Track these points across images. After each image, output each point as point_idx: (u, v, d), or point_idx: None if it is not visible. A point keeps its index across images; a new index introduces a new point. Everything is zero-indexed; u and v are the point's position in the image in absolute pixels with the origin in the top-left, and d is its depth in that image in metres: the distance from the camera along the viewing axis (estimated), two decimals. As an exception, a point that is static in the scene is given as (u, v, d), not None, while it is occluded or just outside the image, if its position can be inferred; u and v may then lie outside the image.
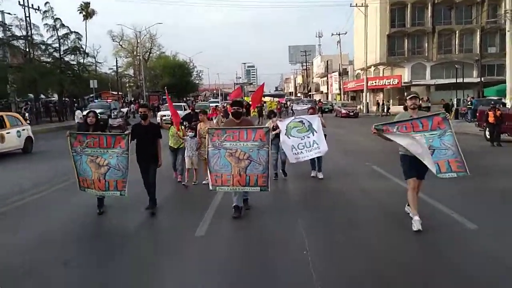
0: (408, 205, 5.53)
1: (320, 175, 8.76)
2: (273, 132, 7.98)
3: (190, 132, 8.54)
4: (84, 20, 49.30)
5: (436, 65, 42.97)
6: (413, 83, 42.33)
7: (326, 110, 39.46)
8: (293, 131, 7.98)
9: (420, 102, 5.80)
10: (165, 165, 7.52)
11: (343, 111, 34.83)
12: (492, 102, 19.07)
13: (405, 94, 5.56)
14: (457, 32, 41.81)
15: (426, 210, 5.85)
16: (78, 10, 50.06)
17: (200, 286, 3.94)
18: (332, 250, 4.71)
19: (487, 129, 14.81)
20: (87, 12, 49.86)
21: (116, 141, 6.10)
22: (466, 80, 37.14)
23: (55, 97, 47.79)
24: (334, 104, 44.37)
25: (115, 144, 6.07)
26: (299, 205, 6.82)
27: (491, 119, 14.16)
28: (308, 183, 8.46)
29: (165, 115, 20.79)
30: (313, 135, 7.98)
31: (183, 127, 8.80)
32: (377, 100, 41.88)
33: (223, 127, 6.24)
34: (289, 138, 7.95)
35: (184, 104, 32.83)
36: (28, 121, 20.23)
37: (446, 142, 5.06)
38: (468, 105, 26.26)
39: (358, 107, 39.22)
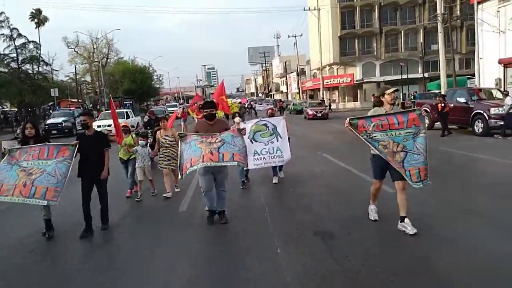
0: (402, 221, 5.04)
1: (281, 174, 8.52)
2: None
3: (141, 140, 7.75)
4: (36, 27, 48.43)
5: (384, 63, 46.09)
6: (365, 80, 45.22)
7: (301, 110, 36.05)
8: (257, 135, 7.62)
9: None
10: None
11: (310, 112, 30.64)
12: (439, 95, 20.82)
13: (380, 87, 5.05)
14: (402, 32, 45.14)
15: (358, 180, 7.56)
16: (30, 17, 49.10)
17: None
18: (285, 213, 6.24)
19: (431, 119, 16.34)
20: (39, 19, 49.03)
21: (59, 152, 5.39)
22: (412, 75, 40.40)
23: (8, 107, 46.76)
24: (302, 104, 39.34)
25: (57, 155, 5.36)
26: (260, 184, 8.30)
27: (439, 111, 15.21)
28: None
29: (100, 125, 17.83)
30: (277, 141, 7.63)
31: (133, 135, 8.09)
32: (320, 99, 44.15)
33: (194, 133, 5.71)
34: (253, 143, 7.53)
35: (128, 110, 27.11)
36: None
37: (419, 145, 4.73)
38: (412, 99, 28.94)
39: (327, 107, 36.30)
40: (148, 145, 8.03)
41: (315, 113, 30.28)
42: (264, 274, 4.04)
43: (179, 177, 5.50)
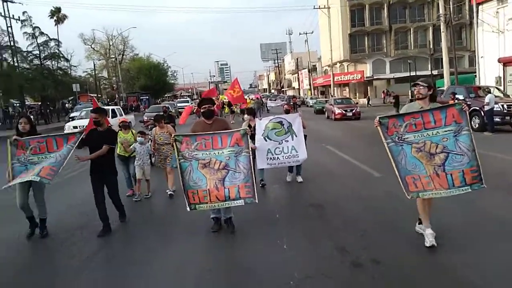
0: (420, 223, 4.70)
1: (299, 179, 8.07)
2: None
3: (139, 137, 7.38)
4: (55, 25, 50.13)
5: (394, 60, 46.70)
6: (375, 77, 45.99)
7: (322, 108, 29.99)
8: (271, 133, 7.23)
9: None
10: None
11: (337, 111, 23.74)
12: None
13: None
14: (411, 29, 45.68)
15: (348, 165, 8.79)
16: (49, 15, 50.87)
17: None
18: (287, 192, 7.49)
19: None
20: (58, 17, 50.77)
21: (68, 140, 5.40)
22: (421, 73, 40.97)
23: (28, 101, 48.81)
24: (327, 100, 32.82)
25: (67, 144, 5.38)
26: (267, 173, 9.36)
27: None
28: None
29: (77, 126, 16.44)
30: (292, 140, 7.27)
31: (134, 132, 7.78)
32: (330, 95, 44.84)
33: (192, 133, 5.31)
34: (266, 141, 7.20)
35: (116, 107, 23.45)
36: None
37: (462, 144, 4.22)
38: (419, 96, 29.72)
39: (357, 102, 30.76)
40: (149, 141, 7.70)
41: (343, 112, 23.63)
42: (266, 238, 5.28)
43: (187, 208, 5.05)
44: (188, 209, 5.03)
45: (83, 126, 14.43)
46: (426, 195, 4.35)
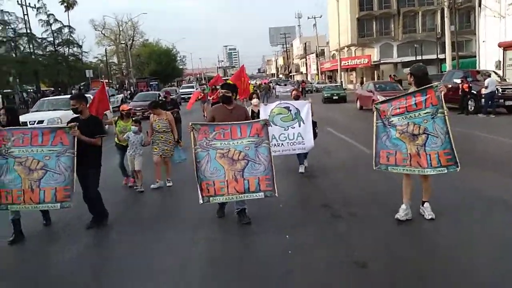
0: (422, 205, 4.86)
1: (305, 163, 7.77)
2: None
3: (133, 126, 6.99)
4: (66, 11, 50.99)
5: (402, 44, 46.83)
6: (382, 61, 46.30)
7: (341, 97, 27.17)
8: (277, 118, 7.06)
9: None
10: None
11: (379, 98, 12.75)
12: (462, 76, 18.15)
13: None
14: (419, 12, 45.70)
15: (342, 142, 9.80)
16: (60, 1, 51.70)
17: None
18: (284, 165, 8.41)
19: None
20: (68, 3, 51.61)
21: (56, 136, 4.80)
22: (428, 57, 41.27)
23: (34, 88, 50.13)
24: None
25: (54, 140, 4.79)
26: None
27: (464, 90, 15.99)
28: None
29: (27, 122, 12.96)
30: (299, 126, 7.07)
31: (132, 120, 7.35)
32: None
33: (210, 123, 5.12)
34: (271, 126, 6.73)
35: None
36: None
37: (437, 126, 4.47)
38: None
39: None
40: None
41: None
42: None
43: (200, 201, 4.87)
44: (201, 201, 4.85)
45: (35, 121, 13.33)
46: (395, 169, 4.75)
